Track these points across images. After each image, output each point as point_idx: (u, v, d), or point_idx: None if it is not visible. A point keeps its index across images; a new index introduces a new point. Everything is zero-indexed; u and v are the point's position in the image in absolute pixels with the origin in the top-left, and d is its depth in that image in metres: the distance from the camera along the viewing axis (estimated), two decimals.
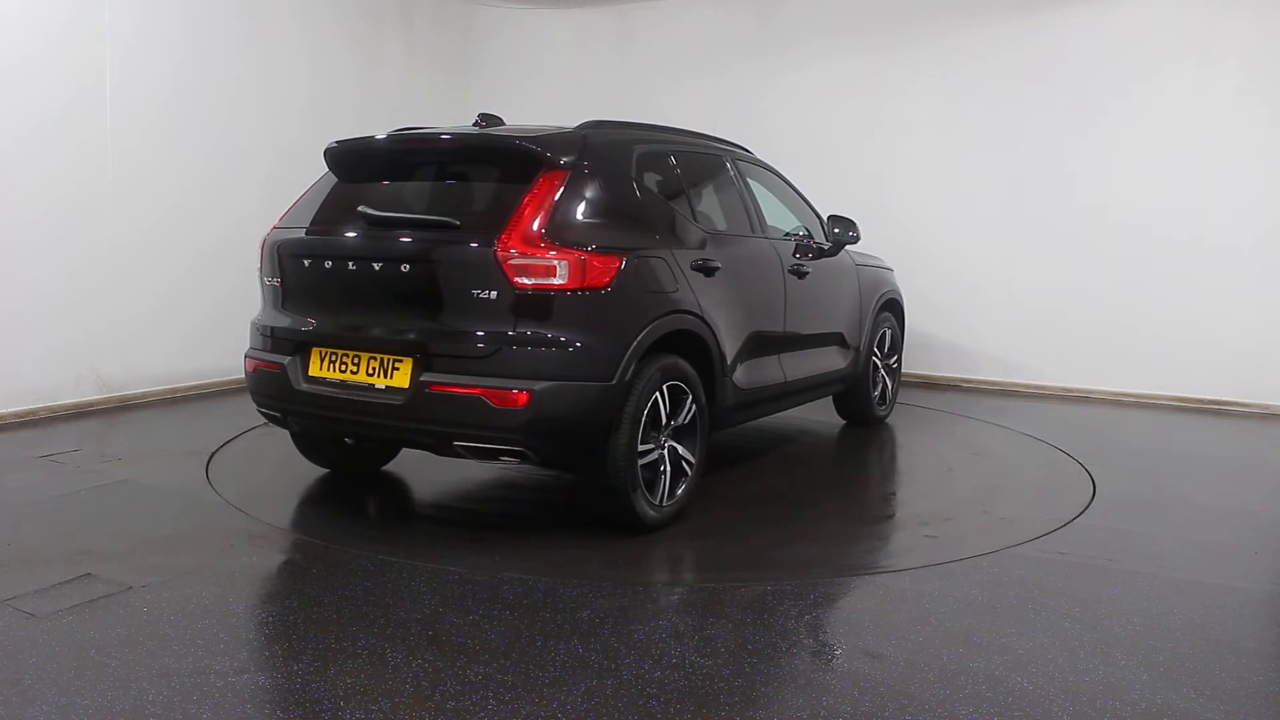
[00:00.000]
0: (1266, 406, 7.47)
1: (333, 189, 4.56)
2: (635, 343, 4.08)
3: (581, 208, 4.15)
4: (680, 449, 4.43)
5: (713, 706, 2.79)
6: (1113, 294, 7.88)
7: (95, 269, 6.51)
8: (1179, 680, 3.02)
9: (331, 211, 4.45)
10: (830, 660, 3.17)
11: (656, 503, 4.30)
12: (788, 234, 5.69)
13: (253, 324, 4.64)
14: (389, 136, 4.54)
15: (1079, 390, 8.08)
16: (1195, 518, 4.82)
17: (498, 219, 3.98)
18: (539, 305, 3.91)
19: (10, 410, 6.11)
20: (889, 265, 7.04)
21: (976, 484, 5.43)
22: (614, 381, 4.02)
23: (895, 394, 7.01)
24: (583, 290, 3.95)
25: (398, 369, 4.06)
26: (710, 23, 9.18)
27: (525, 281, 3.88)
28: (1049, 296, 8.09)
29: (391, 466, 5.38)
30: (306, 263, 4.35)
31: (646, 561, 4.09)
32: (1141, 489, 5.34)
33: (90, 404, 6.53)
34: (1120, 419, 7.34)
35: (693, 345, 4.49)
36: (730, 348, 4.75)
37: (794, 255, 5.52)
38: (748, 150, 5.92)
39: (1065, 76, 7.92)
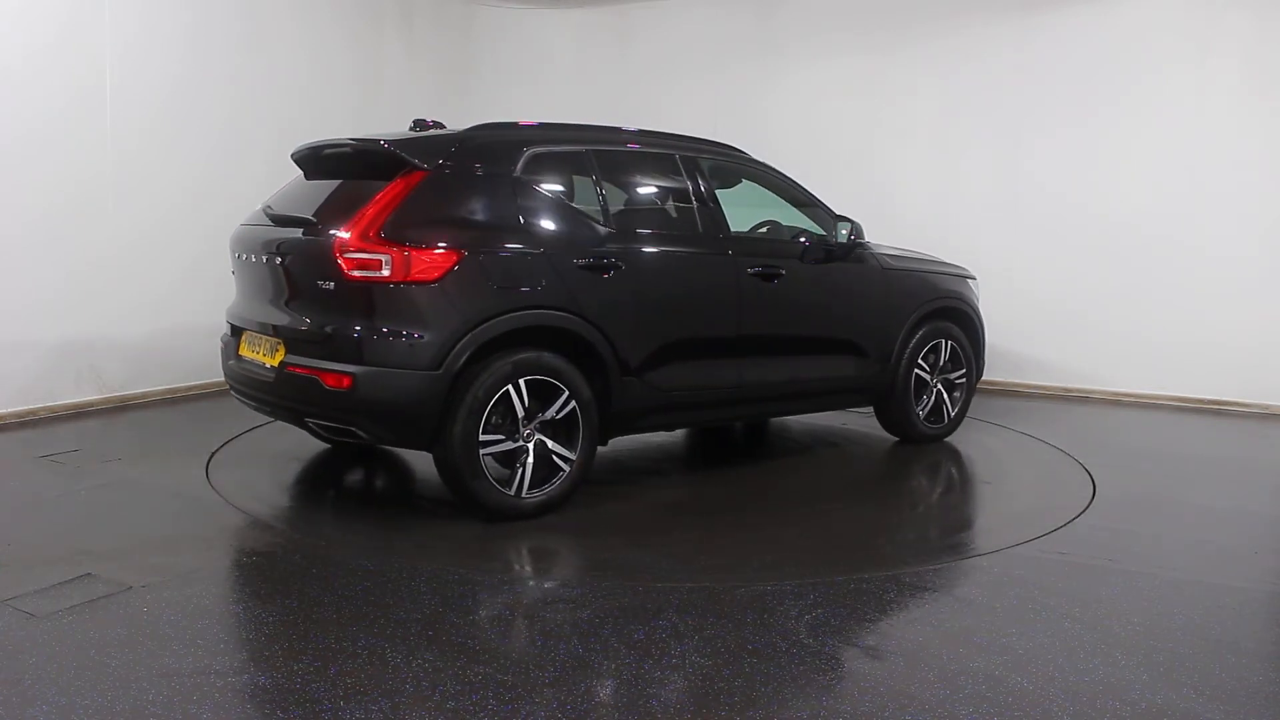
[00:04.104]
0: (1266, 406, 7.46)
1: (282, 189, 5.00)
2: (469, 335, 4.25)
3: (430, 207, 4.39)
4: (551, 444, 4.48)
5: (713, 706, 2.79)
6: (1113, 294, 7.86)
7: (95, 269, 6.51)
8: (1179, 680, 3.02)
9: (266, 210, 4.88)
10: (830, 660, 3.17)
11: (512, 494, 4.38)
12: (795, 237, 5.60)
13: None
14: (313, 144, 4.90)
15: (1079, 390, 8.08)
16: (1195, 518, 4.82)
17: (348, 216, 4.30)
18: (367, 296, 4.21)
19: (10, 410, 6.11)
20: (964, 272, 6.51)
21: (976, 484, 5.43)
22: (440, 371, 4.21)
23: (961, 412, 6.29)
24: (408, 283, 4.19)
25: (277, 351, 4.51)
26: (710, 23, 9.17)
27: (356, 274, 4.19)
28: (1049, 296, 8.08)
29: (392, 464, 5.38)
30: (237, 254, 4.92)
31: (646, 562, 4.10)
32: (1141, 489, 5.34)
33: (90, 404, 6.53)
34: (1120, 419, 7.34)
35: (573, 342, 4.56)
36: (637, 348, 4.77)
37: (798, 257, 5.45)
38: (739, 151, 5.77)
39: (1065, 76, 7.91)
